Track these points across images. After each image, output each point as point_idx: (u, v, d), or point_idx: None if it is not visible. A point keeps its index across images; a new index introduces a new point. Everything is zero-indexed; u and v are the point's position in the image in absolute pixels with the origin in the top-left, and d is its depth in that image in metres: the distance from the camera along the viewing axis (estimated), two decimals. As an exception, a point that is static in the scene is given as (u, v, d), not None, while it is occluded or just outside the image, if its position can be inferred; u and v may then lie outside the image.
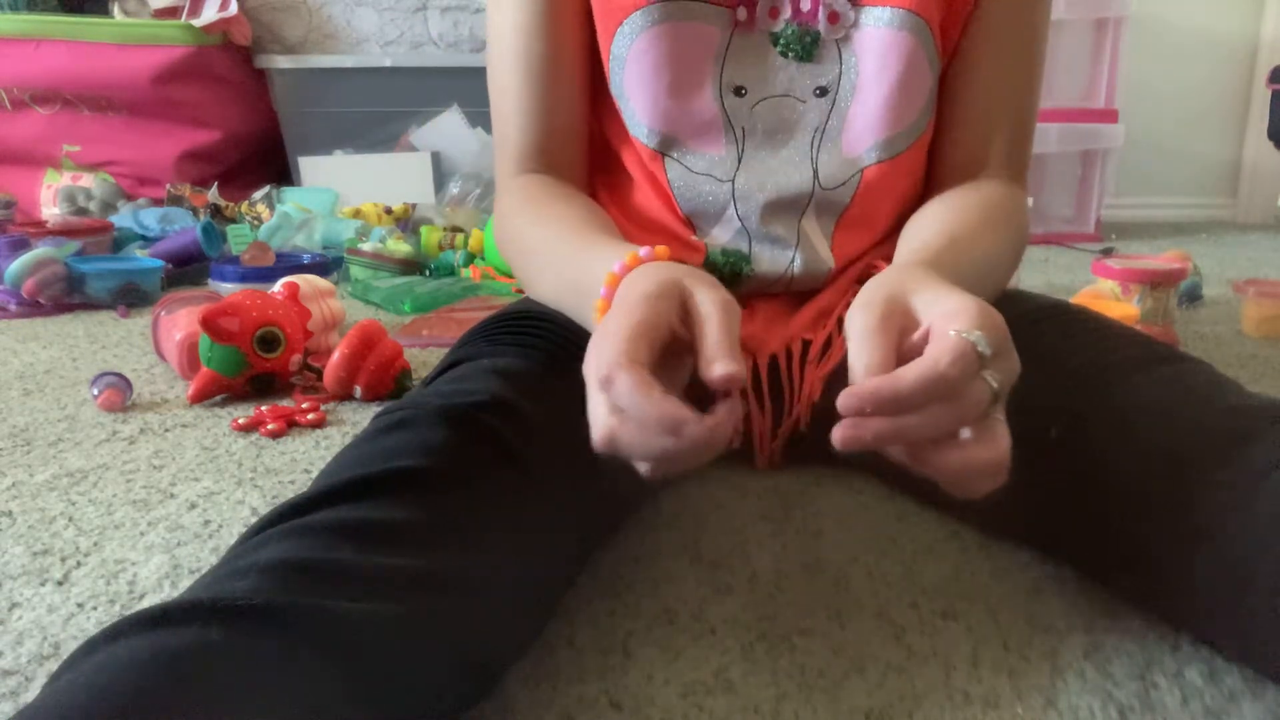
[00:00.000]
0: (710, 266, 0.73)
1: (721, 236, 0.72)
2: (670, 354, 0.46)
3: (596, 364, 0.43)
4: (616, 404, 0.42)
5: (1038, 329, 0.63)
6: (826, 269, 0.72)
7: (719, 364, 0.43)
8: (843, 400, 0.41)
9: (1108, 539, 0.54)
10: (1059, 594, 0.58)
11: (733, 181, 0.70)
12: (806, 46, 0.67)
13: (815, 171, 0.70)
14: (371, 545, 0.40)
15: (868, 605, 0.57)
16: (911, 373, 0.41)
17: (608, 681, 0.50)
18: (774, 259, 0.72)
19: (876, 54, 0.67)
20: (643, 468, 0.44)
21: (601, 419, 0.43)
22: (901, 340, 0.46)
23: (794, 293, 0.75)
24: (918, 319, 0.46)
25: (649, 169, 0.72)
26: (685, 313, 0.47)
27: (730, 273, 0.72)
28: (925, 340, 0.45)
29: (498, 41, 0.72)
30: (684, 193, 0.71)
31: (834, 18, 0.67)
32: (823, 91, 0.68)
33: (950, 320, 0.44)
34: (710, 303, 0.46)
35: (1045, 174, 2.57)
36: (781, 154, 0.69)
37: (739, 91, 0.68)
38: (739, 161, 0.70)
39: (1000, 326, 0.45)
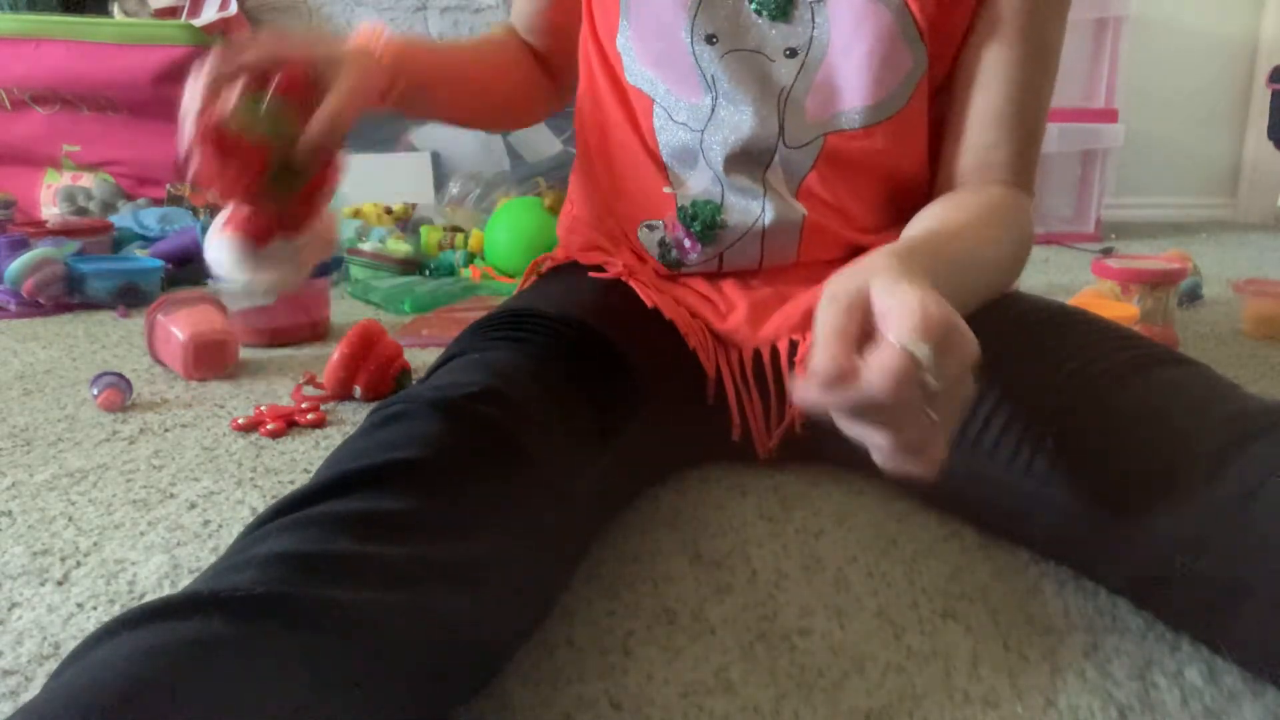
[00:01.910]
0: (683, 216, 0.74)
1: (699, 184, 0.74)
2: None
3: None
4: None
5: (1036, 331, 0.63)
6: (799, 217, 0.72)
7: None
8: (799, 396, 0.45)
9: (1106, 542, 0.54)
10: (1059, 594, 0.58)
11: (702, 132, 0.72)
12: (780, 6, 0.68)
13: (781, 127, 0.71)
14: (370, 536, 0.41)
15: (868, 605, 0.57)
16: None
17: (608, 681, 0.50)
18: (745, 208, 0.73)
19: (849, 22, 0.67)
20: None
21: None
22: (863, 334, 0.46)
23: (769, 272, 0.76)
24: (874, 311, 0.46)
25: (634, 115, 0.75)
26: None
27: (704, 224, 0.73)
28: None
29: None
30: (665, 140, 0.74)
31: None
32: (792, 53, 0.69)
33: (889, 321, 0.44)
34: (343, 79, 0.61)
35: (1045, 174, 2.57)
36: (748, 108, 0.70)
37: (710, 39, 0.69)
38: (711, 112, 0.71)
39: (943, 321, 0.44)
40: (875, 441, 0.45)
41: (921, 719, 0.47)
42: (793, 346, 0.72)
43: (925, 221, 0.66)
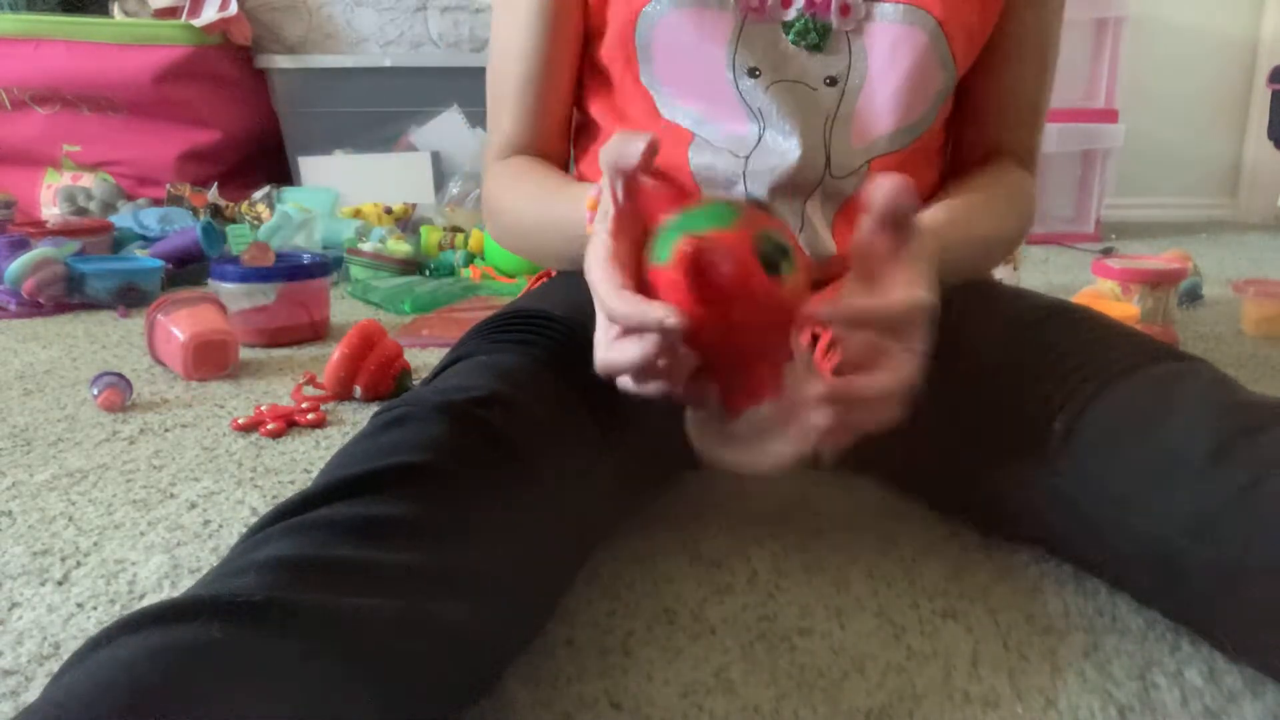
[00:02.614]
0: None
1: None
2: None
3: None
4: (608, 315, 0.48)
5: (1039, 328, 0.64)
6: (829, 254, 0.73)
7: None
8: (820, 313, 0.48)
9: (1108, 536, 0.54)
10: (1059, 594, 0.58)
11: (747, 159, 0.71)
12: (818, 36, 0.68)
13: (828, 158, 0.70)
14: (371, 541, 0.41)
15: (868, 605, 0.57)
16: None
17: (608, 681, 0.50)
18: None
19: (886, 48, 0.67)
20: (634, 381, 0.49)
21: (597, 343, 0.50)
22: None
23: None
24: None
25: (670, 145, 0.73)
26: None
27: None
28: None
29: (501, 48, 0.76)
30: (699, 163, 0.71)
31: (845, 10, 0.67)
32: (832, 81, 0.69)
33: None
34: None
35: (1045, 174, 2.57)
36: (797, 138, 0.70)
37: (753, 73, 0.69)
38: (759, 141, 0.70)
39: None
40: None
41: (921, 719, 0.47)
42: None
43: (939, 208, 0.70)
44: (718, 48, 0.68)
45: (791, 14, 0.68)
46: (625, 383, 0.50)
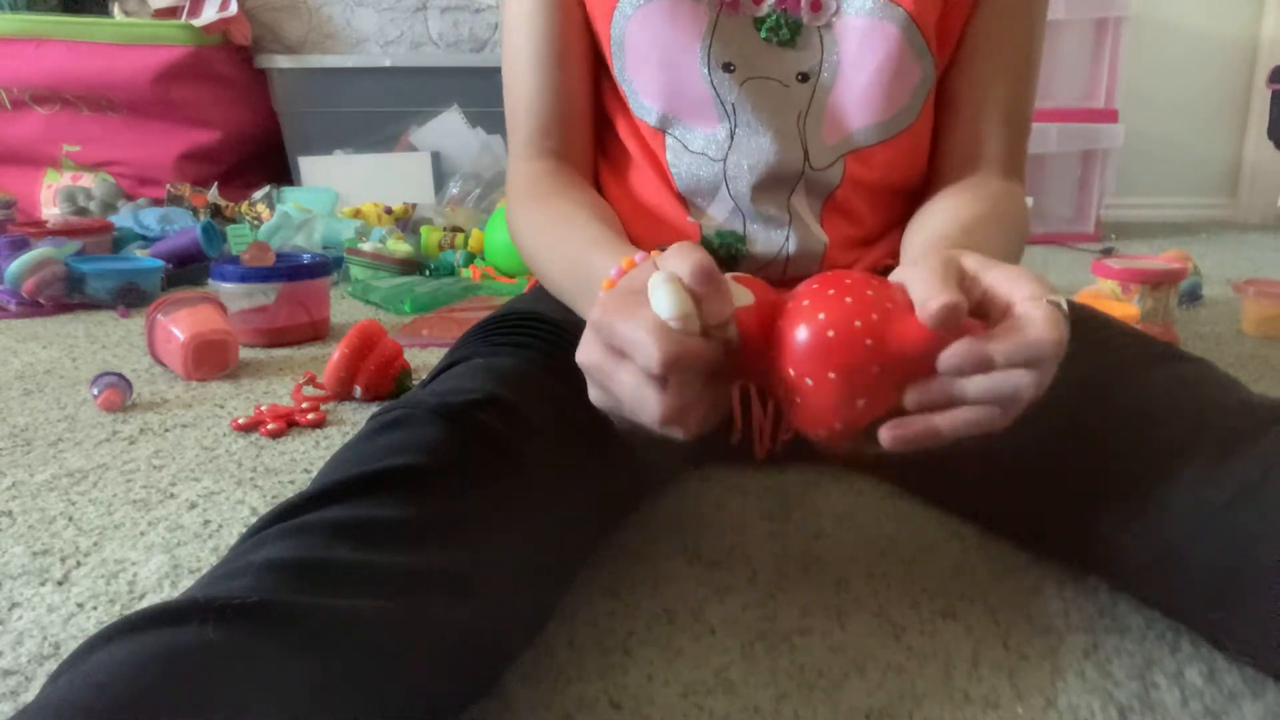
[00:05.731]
0: (707, 247, 0.73)
1: (718, 215, 0.73)
2: None
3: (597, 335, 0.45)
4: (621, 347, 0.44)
5: None
6: (821, 246, 0.72)
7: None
8: (944, 361, 0.41)
9: (1110, 533, 0.54)
10: (1059, 594, 0.58)
11: (724, 161, 0.71)
12: (789, 32, 0.68)
13: (805, 151, 0.70)
14: (368, 543, 0.41)
15: (868, 605, 0.57)
16: (1010, 340, 0.42)
17: (608, 681, 0.50)
18: (769, 238, 0.72)
19: (857, 42, 0.67)
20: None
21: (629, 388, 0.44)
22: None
23: (791, 280, 0.75)
24: (979, 283, 0.46)
25: (649, 149, 0.73)
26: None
27: (726, 254, 0.72)
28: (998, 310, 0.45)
29: (511, 30, 0.75)
30: (680, 171, 0.72)
31: (816, 5, 0.68)
32: (804, 77, 0.69)
33: (1021, 284, 0.44)
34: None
35: (1045, 174, 2.57)
36: (771, 134, 0.70)
37: (727, 68, 0.69)
38: (731, 139, 0.70)
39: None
40: (1011, 393, 0.42)
41: (921, 719, 0.47)
42: None
43: (943, 216, 0.67)
44: (692, 42, 0.68)
45: (764, 9, 0.68)
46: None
